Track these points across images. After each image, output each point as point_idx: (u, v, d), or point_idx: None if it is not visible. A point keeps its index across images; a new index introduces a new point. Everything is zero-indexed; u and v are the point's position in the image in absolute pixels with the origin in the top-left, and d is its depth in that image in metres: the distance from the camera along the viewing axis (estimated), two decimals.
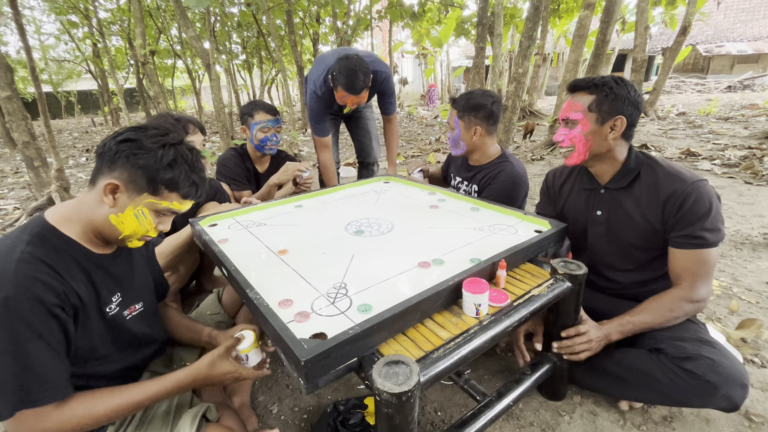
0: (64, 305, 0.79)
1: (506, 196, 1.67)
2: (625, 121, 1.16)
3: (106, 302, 0.91)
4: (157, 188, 0.87)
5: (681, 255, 1.14)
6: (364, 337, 0.79)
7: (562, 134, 1.24)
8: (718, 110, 8.85)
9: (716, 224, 1.11)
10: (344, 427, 1.17)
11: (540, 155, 5.37)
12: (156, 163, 0.85)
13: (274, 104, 11.45)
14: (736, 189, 3.59)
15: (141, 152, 0.85)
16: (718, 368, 1.02)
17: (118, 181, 0.84)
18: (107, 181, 0.84)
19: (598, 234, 1.31)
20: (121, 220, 0.87)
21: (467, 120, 1.70)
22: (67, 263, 0.83)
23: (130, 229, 0.88)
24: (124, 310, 0.96)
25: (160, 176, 0.86)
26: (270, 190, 2.01)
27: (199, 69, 11.96)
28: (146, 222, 0.89)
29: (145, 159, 0.85)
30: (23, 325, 0.73)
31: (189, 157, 0.90)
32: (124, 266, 0.99)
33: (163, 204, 0.89)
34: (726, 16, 18.35)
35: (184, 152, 0.90)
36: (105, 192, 0.84)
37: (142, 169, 0.85)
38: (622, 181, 1.23)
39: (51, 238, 0.83)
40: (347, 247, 1.23)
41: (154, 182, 0.86)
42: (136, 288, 1.02)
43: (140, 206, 0.87)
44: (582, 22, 4.97)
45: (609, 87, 1.15)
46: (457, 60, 19.65)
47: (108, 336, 0.92)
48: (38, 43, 12.36)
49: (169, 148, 0.87)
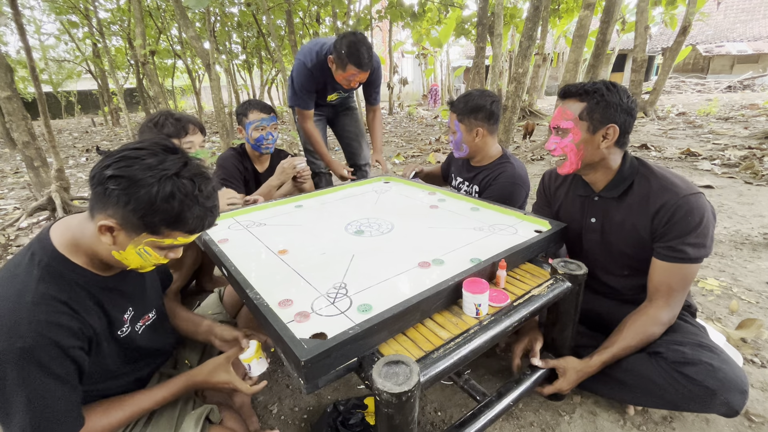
0: (82, 343, 0.78)
1: (507, 197, 1.66)
2: (617, 129, 1.13)
3: (118, 326, 0.89)
4: (156, 229, 0.78)
5: (660, 266, 1.13)
6: (364, 337, 0.79)
7: (553, 143, 1.21)
8: (718, 110, 8.85)
9: (702, 239, 1.08)
10: (344, 427, 1.17)
11: (540, 155, 5.37)
12: (151, 203, 0.74)
13: (274, 104, 11.31)
14: (736, 189, 3.59)
15: (133, 191, 0.73)
16: (718, 374, 1.01)
17: (113, 221, 0.75)
18: (101, 221, 0.75)
19: (592, 241, 1.30)
20: (124, 257, 0.81)
21: (468, 122, 1.69)
22: (80, 296, 0.81)
23: (136, 264, 0.84)
24: (136, 324, 0.95)
25: (158, 217, 0.76)
26: (270, 190, 2.01)
27: (199, 69, 11.97)
28: (151, 258, 0.83)
29: (136, 201, 0.73)
30: (41, 372, 0.71)
31: (190, 189, 0.77)
32: (135, 279, 0.97)
33: (166, 242, 0.81)
34: (726, 16, 18.35)
35: (183, 185, 0.76)
36: (102, 231, 0.77)
37: (135, 211, 0.74)
38: (615, 190, 1.21)
39: (62, 270, 0.79)
40: (347, 247, 1.23)
41: (152, 224, 0.77)
42: (148, 297, 1.01)
43: (141, 245, 0.80)
44: (582, 22, 4.96)
45: (600, 94, 1.11)
46: (457, 60, 19.65)
47: (120, 355, 0.91)
48: (38, 43, 12.38)
49: (166, 182, 0.74)
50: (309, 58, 2.15)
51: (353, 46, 1.92)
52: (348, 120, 2.64)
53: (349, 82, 2.08)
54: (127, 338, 0.92)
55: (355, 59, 1.94)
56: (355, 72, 1.99)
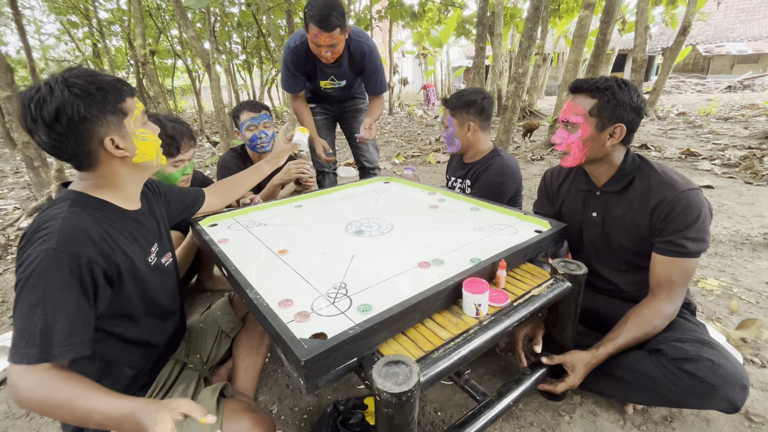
0: (107, 261, 0.82)
1: (496, 186, 1.70)
2: (624, 129, 1.14)
3: (147, 252, 0.97)
4: (120, 110, 0.85)
5: (661, 261, 1.15)
6: (364, 337, 0.79)
7: (561, 137, 1.22)
8: (718, 110, 8.85)
9: (700, 234, 1.10)
10: (344, 427, 1.17)
11: (540, 155, 5.37)
12: (76, 104, 0.78)
13: (274, 104, 11.37)
14: (736, 189, 3.59)
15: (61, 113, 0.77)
16: (718, 370, 1.02)
17: (108, 141, 0.84)
18: (105, 142, 0.83)
19: (593, 235, 1.31)
20: (142, 153, 0.90)
21: (460, 117, 1.75)
22: (111, 220, 0.88)
23: (154, 151, 0.93)
24: (161, 258, 1.04)
25: (96, 106, 0.81)
26: (273, 189, 2.01)
27: (199, 69, 11.97)
28: (151, 137, 0.92)
29: (71, 115, 0.78)
30: (60, 276, 0.74)
31: (79, 71, 0.82)
32: (152, 221, 1.05)
33: (137, 112, 0.89)
34: (726, 16, 18.35)
35: (70, 76, 0.80)
36: (114, 148, 0.85)
37: (84, 112, 0.79)
38: (616, 184, 1.23)
39: (90, 201, 0.87)
40: (347, 247, 1.23)
41: (114, 111, 0.84)
42: (164, 240, 1.09)
43: (136, 132, 0.89)
44: (582, 22, 4.97)
45: (612, 92, 1.12)
46: (457, 60, 19.67)
47: (141, 296, 0.94)
48: (38, 43, 12.37)
49: (61, 84, 0.78)
50: (294, 39, 2.12)
51: (314, 5, 1.81)
52: (355, 122, 2.59)
53: (319, 49, 1.95)
54: (156, 268, 1.00)
55: (313, 18, 1.82)
56: (317, 32, 1.86)
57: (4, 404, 1.42)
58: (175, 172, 1.55)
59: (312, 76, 2.26)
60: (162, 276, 1.03)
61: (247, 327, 1.32)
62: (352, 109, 2.58)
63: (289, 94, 2.31)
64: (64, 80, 0.79)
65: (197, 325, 1.29)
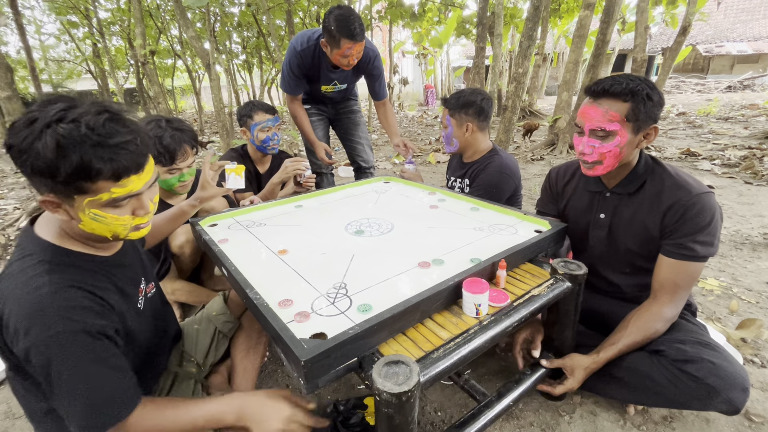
0: (109, 321, 0.78)
1: (494, 186, 1.71)
2: (658, 129, 1.11)
3: (136, 298, 0.92)
4: (78, 187, 0.69)
5: (667, 263, 1.13)
6: (364, 337, 0.79)
7: (590, 146, 1.12)
8: (718, 110, 8.86)
9: (710, 238, 1.08)
10: (344, 427, 1.17)
11: (540, 155, 5.37)
12: (46, 163, 0.65)
13: (274, 104, 11.37)
14: (736, 189, 3.59)
15: (25, 159, 0.65)
16: (719, 371, 1.01)
17: (47, 196, 0.71)
18: (41, 199, 0.72)
19: (599, 237, 1.30)
20: (88, 227, 0.76)
21: (458, 117, 1.76)
22: (94, 278, 0.79)
23: (106, 231, 0.78)
24: (147, 289, 0.99)
25: (63, 174, 0.66)
26: (273, 189, 2.01)
27: (199, 69, 11.96)
28: (110, 219, 0.75)
29: (33, 167, 0.65)
30: (79, 354, 0.71)
31: (76, 132, 0.66)
32: (134, 254, 0.99)
33: (104, 197, 0.71)
34: (726, 16, 18.35)
35: (65, 130, 0.65)
36: (50, 209, 0.73)
37: (44, 177, 0.66)
38: (629, 186, 1.20)
39: (65, 260, 0.77)
40: (347, 247, 1.22)
41: (69, 183, 0.67)
42: (147, 267, 1.04)
43: (85, 209, 0.72)
44: (582, 22, 4.97)
45: (645, 93, 1.05)
46: (457, 60, 19.65)
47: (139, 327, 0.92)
48: (38, 43, 12.38)
49: (43, 134, 0.64)
50: (300, 41, 2.11)
51: (342, 18, 1.85)
52: (350, 123, 2.60)
53: (347, 59, 1.99)
54: (145, 307, 0.94)
55: (346, 32, 1.86)
56: (350, 45, 1.91)
57: (4, 404, 1.42)
58: (170, 178, 1.54)
59: (314, 79, 2.27)
60: (151, 307, 0.98)
61: (243, 326, 1.32)
62: (347, 110, 2.60)
63: (287, 95, 2.31)
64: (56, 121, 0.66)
65: (191, 326, 1.26)
